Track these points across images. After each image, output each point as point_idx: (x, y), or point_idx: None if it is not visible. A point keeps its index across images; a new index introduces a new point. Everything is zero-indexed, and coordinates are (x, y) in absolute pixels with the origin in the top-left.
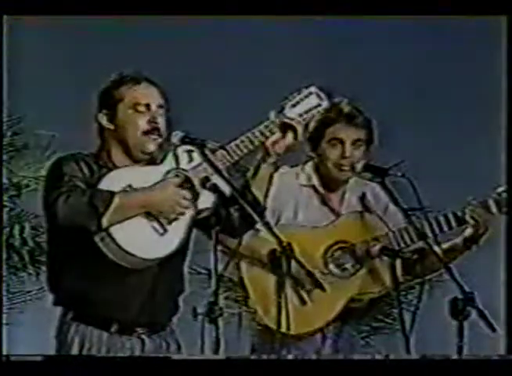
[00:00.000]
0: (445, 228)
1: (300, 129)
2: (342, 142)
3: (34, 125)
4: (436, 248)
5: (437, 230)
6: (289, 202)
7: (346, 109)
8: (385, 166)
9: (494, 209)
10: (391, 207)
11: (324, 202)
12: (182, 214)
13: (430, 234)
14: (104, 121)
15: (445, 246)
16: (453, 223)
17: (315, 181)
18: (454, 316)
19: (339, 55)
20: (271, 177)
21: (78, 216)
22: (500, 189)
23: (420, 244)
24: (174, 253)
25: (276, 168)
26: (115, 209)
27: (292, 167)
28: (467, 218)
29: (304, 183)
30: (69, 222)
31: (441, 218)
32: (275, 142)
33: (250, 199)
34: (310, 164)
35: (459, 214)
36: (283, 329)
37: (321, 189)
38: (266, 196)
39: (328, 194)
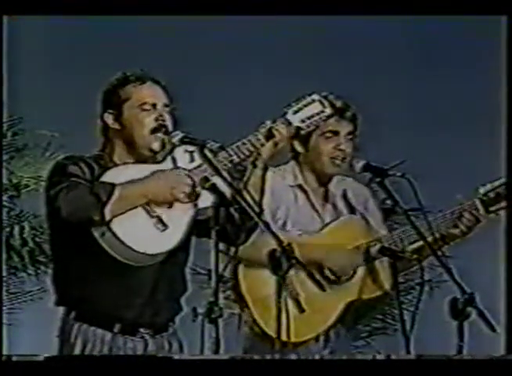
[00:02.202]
0: (435, 229)
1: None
2: (337, 134)
3: (34, 126)
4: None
5: (427, 233)
6: (280, 205)
7: (338, 103)
8: (385, 166)
9: (481, 210)
10: (371, 203)
11: (312, 202)
12: (184, 197)
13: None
14: (110, 120)
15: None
16: (442, 227)
17: (301, 180)
18: (454, 316)
19: (339, 55)
20: (263, 180)
21: (81, 207)
22: (483, 190)
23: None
24: (176, 251)
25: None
26: (117, 200)
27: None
28: (455, 222)
29: (291, 184)
30: (72, 214)
31: (431, 220)
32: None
33: (248, 202)
34: (291, 163)
35: (448, 216)
36: (283, 337)
37: (308, 188)
38: (261, 199)
39: (315, 193)
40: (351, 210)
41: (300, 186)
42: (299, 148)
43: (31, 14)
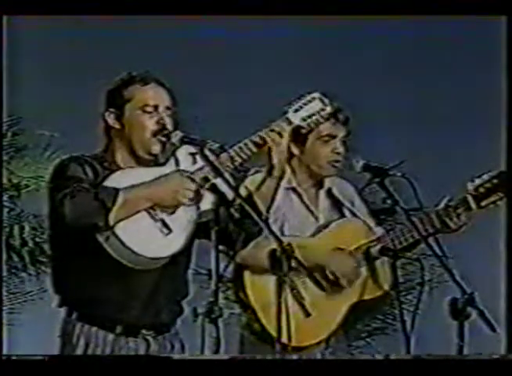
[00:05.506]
0: (432, 228)
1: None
2: (334, 138)
3: (34, 125)
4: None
5: (423, 230)
6: (277, 209)
7: (332, 106)
8: (385, 166)
9: (473, 205)
10: (357, 199)
11: (306, 204)
12: (188, 201)
13: (420, 233)
14: (111, 119)
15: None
16: (438, 225)
17: (295, 182)
18: (454, 316)
19: (339, 56)
20: (276, 190)
21: (86, 214)
22: (473, 185)
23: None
24: (179, 255)
25: (280, 181)
26: (121, 204)
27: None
28: (449, 221)
29: (286, 186)
30: (76, 220)
31: (426, 219)
32: (280, 152)
33: (252, 205)
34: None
35: (442, 213)
36: (288, 341)
37: (301, 190)
38: (269, 208)
39: (307, 194)
40: (340, 207)
41: (294, 189)
42: (295, 150)
43: (31, 14)
